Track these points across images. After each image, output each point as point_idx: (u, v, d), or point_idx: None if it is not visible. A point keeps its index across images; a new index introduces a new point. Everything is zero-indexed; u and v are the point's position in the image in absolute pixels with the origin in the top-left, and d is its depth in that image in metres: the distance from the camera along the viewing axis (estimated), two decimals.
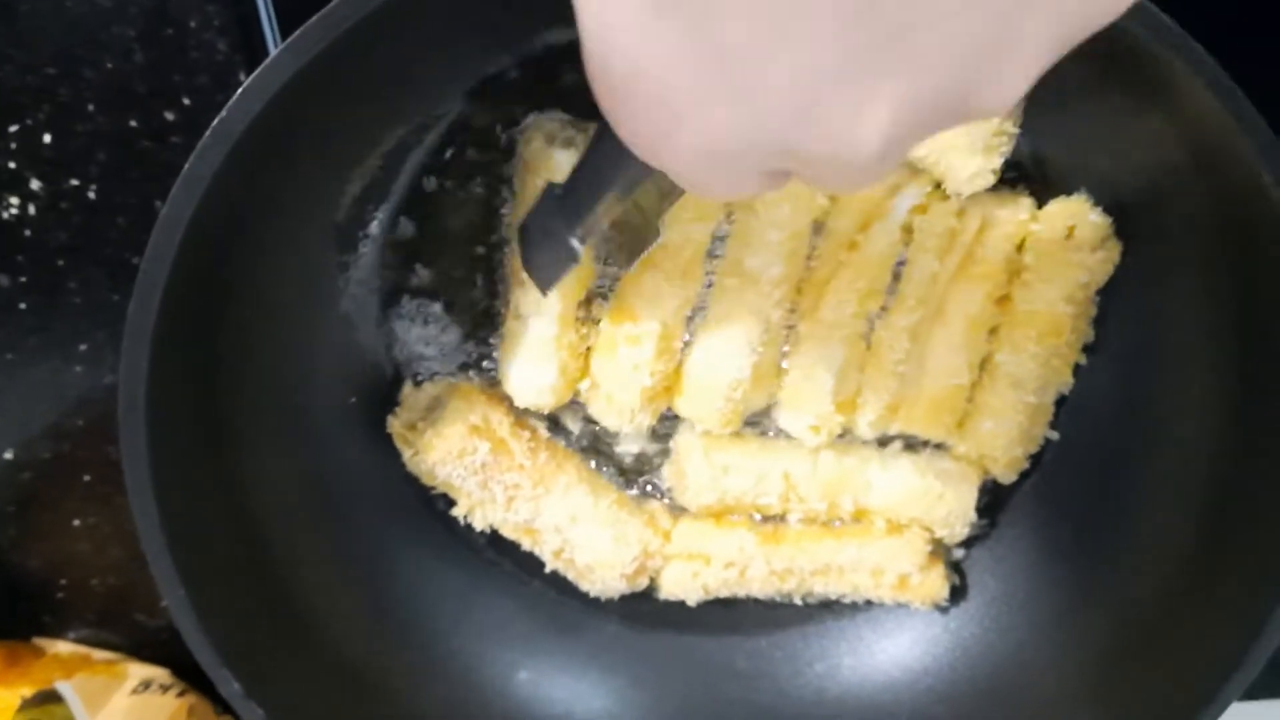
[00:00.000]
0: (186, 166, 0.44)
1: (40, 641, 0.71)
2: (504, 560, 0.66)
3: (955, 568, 0.67)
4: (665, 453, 0.66)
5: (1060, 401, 0.64)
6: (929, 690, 0.65)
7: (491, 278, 0.63)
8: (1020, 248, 0.61)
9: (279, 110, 0.44)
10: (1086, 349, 0.63)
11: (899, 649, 0.66)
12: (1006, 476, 0.65)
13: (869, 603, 0.67)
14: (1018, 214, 0.60)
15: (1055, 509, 0.64)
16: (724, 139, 0.33)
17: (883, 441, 0.66)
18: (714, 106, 0.32)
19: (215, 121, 0.43)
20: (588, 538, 0.64)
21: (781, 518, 0.66)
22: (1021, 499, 0.66)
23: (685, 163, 0.35)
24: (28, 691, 0.65)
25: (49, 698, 0.65)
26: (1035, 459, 0.65)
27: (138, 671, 0.69)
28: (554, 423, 0.66)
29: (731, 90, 0.31)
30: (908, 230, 0.61)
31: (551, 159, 0.58)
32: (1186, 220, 0.56)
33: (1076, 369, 0.63)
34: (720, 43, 0.30)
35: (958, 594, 0.66)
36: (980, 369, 0.63)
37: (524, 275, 0.57)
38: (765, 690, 0.66)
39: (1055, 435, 0.65)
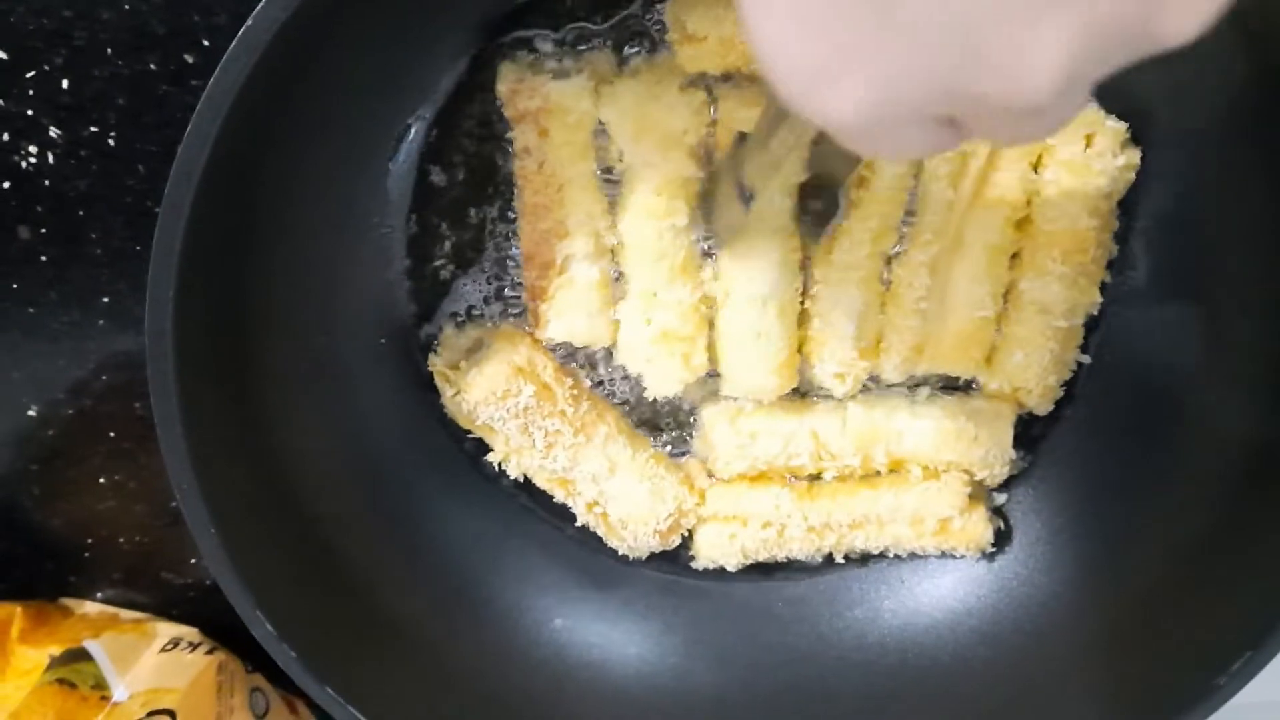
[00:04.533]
0: (210, 83, 0.43)
1: (68, 601, 0.70)
2: (537, 507, 0.65)
3: (998, 512, 0.65)
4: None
5: (1093, 326, 0.63)
6: (971, 631, 0.64)
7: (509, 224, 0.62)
8: (1036, 165, 0.59)
9: (304, 22, 0.43)
10: (1113, 267, 0.62)
11: (940, 591, 0.65)
12: (1042, 407, 0.63)
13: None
14: None
15: (1098, 442, 0.63)
16: (889, 84, 0.31)
17: (913, 384, 0.65)
18: (876, 49, 0.31)
19: (240, 33, 0.42)
20: (624, 490, 0.63)
21: (817, 477, 0.65)
22: (1062, 432, 0.64)
23: (850, 116, 0.33)
24: (56, 650, 0.65)
25: (78, 656, 0.65)
26: (1071, 388, 0.63)
27: (166, 630, 0.69)
28: (593, 375, 0.65)
29: (893, 28, 0.30)
30: (916, 161, 0.59)
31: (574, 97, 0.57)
32: (1214, 117, 0.54)
33: (1105, 289, 0.62)
34: None
35: (1002, 538, 0.65)
36: (1005, 298, 0.62)
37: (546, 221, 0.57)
38: (804, 635, 0.65)
39: (1087, 359, 0.63)
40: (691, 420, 0.66)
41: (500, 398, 0.60)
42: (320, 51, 0.47)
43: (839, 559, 0.66)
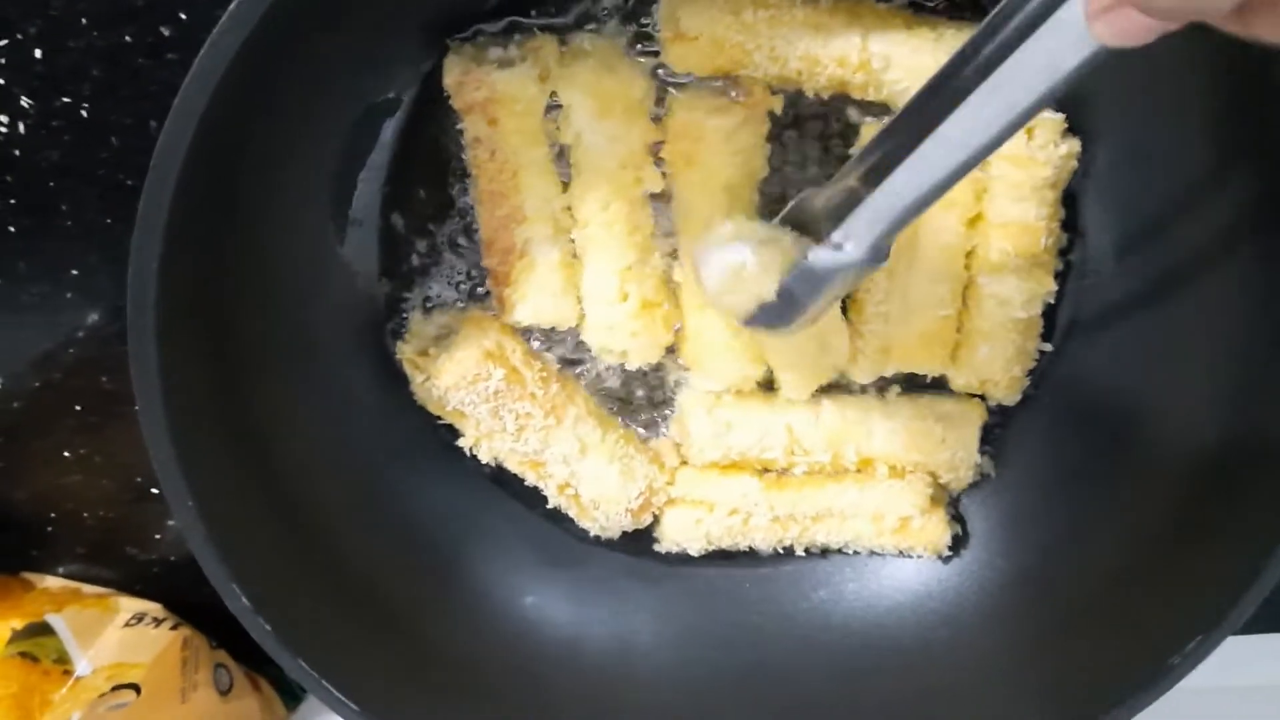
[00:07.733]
0: (197, 59, 0.43)
1: (29, 575, 0.70)
2: (509, 487, 0.66)
3: (957, 515, 0.67)
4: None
5: (1052, 317, 0.63)
6: (932, 613, 0.65)
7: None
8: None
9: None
10: (1072, 269, 0.63)
11: (903, 574, 0.66)
12: (1010, 398, 0.64)
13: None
14: None
15: (1060, 431, 0.64)
16: None
17: (883, 384, 0.66)
18: None
19: (230, 8, 0.42)
20: (595, 470, 0.64)
21: (787, 470, 0.66)
22: (1025, 421, 0.65)
23: None
24: (18, 624, 0.64)
25: (40, 630, 0.64)
26: (1034, 379, 0.64)
27: (130, 605, 0.69)
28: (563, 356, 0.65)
29: None
30: None
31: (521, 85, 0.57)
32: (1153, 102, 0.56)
33: (1063, 289, 0.62)
34: None
35: (959, 543, 0.66)
36: (964, 295, 0.62)
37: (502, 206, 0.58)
38: (770, 615, 0.66)
39: (1048, 347, 0.64)
40: (665, 398, 0.66)
41: (470, 382, 0.60)
42: (306, 30, 0.47)
43: (799, 551, 0.66)
